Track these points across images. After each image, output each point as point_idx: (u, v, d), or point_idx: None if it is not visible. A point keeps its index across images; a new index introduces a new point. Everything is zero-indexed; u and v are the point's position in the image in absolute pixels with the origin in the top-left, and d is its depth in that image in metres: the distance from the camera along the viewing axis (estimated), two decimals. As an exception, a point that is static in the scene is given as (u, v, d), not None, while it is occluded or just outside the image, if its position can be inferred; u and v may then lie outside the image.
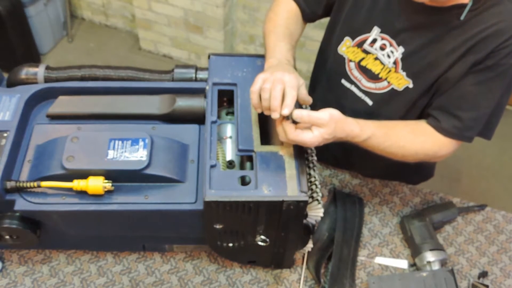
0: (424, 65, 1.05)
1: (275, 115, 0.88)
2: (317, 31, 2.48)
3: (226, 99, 1.11)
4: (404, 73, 1.08)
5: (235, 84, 1.09)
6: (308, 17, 1.21)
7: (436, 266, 1.13)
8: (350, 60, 1.16)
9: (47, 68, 1.12)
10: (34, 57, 2.86)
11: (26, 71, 1.11)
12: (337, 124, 0.91)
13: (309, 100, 0.96)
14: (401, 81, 1.10)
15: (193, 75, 1.13)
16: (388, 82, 1.12)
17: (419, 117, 1.14)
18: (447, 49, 1.01)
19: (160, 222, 1.01)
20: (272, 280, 1.14)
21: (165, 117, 1.08)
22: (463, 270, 1.19)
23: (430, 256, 1.13)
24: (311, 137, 0.89)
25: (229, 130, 1.06)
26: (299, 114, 0.88)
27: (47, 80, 1.11)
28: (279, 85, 0.88)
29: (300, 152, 0.99)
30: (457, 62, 1.01)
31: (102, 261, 1.14)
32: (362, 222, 1.24)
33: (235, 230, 0.99)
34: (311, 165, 1.00)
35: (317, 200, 0.96)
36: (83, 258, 1.14)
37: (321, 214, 0.97)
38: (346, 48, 1.15)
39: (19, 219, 0.96)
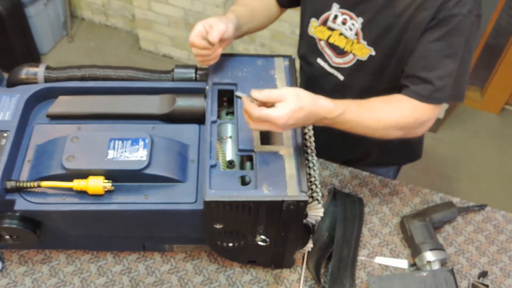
0: (381, 31, 1.09)
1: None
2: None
3: (226, 99, 1.11)
4: (365, 42, 1.12)
5: (235, 84, 1.09)
6: (283, 2, 1.27)
7: (436, 266, 1.13)
8: (320, 39, 1.21)
9: (47, 68, 1.12)
10: (34, 57, 2.86)
11: (26, 71, 1.11)
12: (303, 99, 0.91)
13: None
14: (363, 51, 1.13)
15: (193, 75, 1.13)
16: (353, 54, 1.16)
17: (393, 90, 1.14)
18: (399, 11, 1.05)
19: (160, 222, 1.01)
20: (272, 280, 1.14)
21: (165, 117, 1.08)
22: (463, 270, 1.19)
23: (430, 256, 1.14)
24: (277, 112, 0.88)
25: (229, 130, 1.06)
26: (257, 92, 0.90)
27: (47, 80, 1.11)
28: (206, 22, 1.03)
29: (300, 152, 0.99)
30: (410, 22, 1.04)
31: (102, 261, 1.14)
32: (362, 222, 1.24)
33: (235, 230, 0.99)
34: (311, 165, 1.00)
35: (317, 200, 0.96)
36: (83, 258, 1.14)
37: (321, 214, 0.97)
38: (314, 28, 1.21)
39: (19, 219, 0.96)
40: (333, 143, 1.27)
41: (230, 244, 1.04)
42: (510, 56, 2.60)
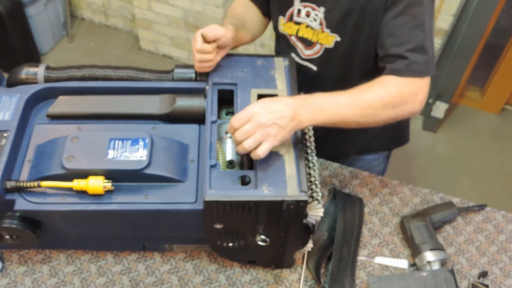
0: (341, 16, 1.11)
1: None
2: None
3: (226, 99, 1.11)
4: (329, 30, 1.15)
5: (235, 84, 1.09)
6: (264, 11, 1.31)
7: (436, 266, 1.13)
8: (290, 35, 1.24)
9: (47, 68, 1.12)
10: (34, 57, 2.86)
11: (26, 71, 1.11)
12: (271, 102, 0.93)
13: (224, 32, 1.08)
14: (329, 38, 1.16)
15: (193, 75, 1.13)
16: (320, 44, 1.18)
17: (367, 76, 1.13)
18: None
19: (160, 222, 1.01)
20: (272, 280, 1.14)
21: (165, 117, 1.08)
22: (463, 270, 1.19)
23: (430, 256, 1.14)
24: (253, 105, 0.92)
25: (229, 130, 1.06)
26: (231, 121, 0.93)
27: (47, 80, 1.11)
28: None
29: (300, 152, 0.99)
30: (367, 3, 1.06)
31: (102, 261, 1.14)
32: (362, 222, 1.24)
33: (235, 230, 0.99)
34: (311, 165, 1.00)
35: (317, 200, 0.96)
36: (83, 258, 1.14)
37: (321, 214, 0.97)
38: (283, 26, 1.24)
39: (19, 219, 0.96)
40: (325, 137, 1.26)
41: (230, 244, 1.04)
42: (510, 56, 2.60)
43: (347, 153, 1.44)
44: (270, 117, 0.90)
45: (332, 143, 1.34)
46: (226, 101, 1.11)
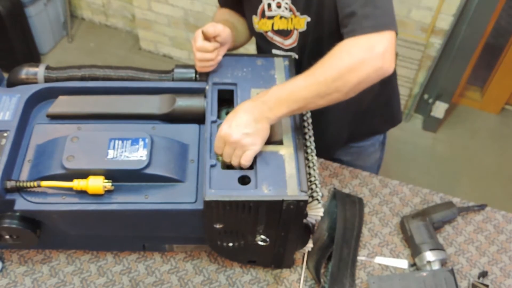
0: None
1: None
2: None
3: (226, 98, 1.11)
4: (298, 13, 1.15)
5: (235, 84, 1.09)
6: (244, 16, 1.30)
7: (436, 266, 1.13)
8: (266, 32, 1.24)
9: (47, 68, 1.12)
10: (34, 57, 2.86)
11: (26, 71, 1.11)
12: (233, 117, 0.95)
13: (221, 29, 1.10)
14: (300, 21, 1.16)
15: (193, 75, 1.13)
16: (296, 30, 1.18)
17: None
18: None
19: (160, 222, 1.01)
20: (272, 280, 1.14)
21: (165, 117, 1.08)
22: (463, 270, 1.19)
23: (430, 256, 1.14)
24: (220, 128, 0.96)
25: (229, 130, 1.06)
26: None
27: (47, 80, 1.11)
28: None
29: (300, 152, 0.99)
30: None
31: (102, 261, 1.14)
32: (362, 222, 1.24)
33: (235, 230, 0.99)
34: (311, 164, 1.00)
35: (317, 199, 0.96)
36: (83, 258, 1.14)
37: (321, 214, 0.97)
38: (258, 24, 1.24)
39: (19, 219, 0.96)
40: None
41: (230, 244, 1.04)
42: (510, 56, 2.60)
43: (339, 140, 1.41)
44: (238, 131, 0.93)
45: (323, 131, 1.30)
46: (226, 101, 1.11)
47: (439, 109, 2.63)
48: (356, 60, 0.94)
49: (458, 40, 2.34)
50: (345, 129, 1.39)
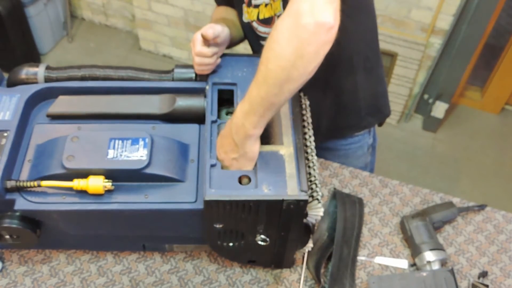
0: None
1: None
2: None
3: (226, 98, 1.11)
4: None
5: (235, 84, 1.09)
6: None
7: (436, 266, 1.13)
8: (253, 21, 1.24)
9: (47, 68, 1.12)
10: (34, 57, 2.86)
11: (26, 71, 1.11)
12: (218, 147, 0.98)
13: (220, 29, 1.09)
14: (277, 4, 1.16)
15: (193, 75, 1.13)
16: (275, 15, 1.19)
17: None
18: None
19: (160, 222, 1.01)
20: (272, 280, 1.14)
21: (165, 117, 1.08)
22: (463, 270, 1.19)
23: (430, 256, 1.14)
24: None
25: (229, 129, 1.06)
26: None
27: (47, 80, 1.11)
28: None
29: (300, 151, 0.99)
30: None
31: (102, 261, 1.14)
32: (362, 222, 1.24)
33: (235, 229, 0.99)
34: (311, 164, 1.00)
35: (317, 199, 0.96)
36: (83, 258, 1.14)
37: (321, 214, 0.97)
38: (247, 14, 1.24)
39: (19, 219, 0.96)
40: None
41: (230, 244, 1.04)
42: (510, 56, 2.60)
43: (317, 130, 1.26)
44: (227, 158, 0.96)
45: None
46: (226, 101, 1.11)
47: (439, 109, 2.63)
48: (305, 27, 0.81)
49: (458, 40, 2.35)
50: (323, 119, 1.31)
